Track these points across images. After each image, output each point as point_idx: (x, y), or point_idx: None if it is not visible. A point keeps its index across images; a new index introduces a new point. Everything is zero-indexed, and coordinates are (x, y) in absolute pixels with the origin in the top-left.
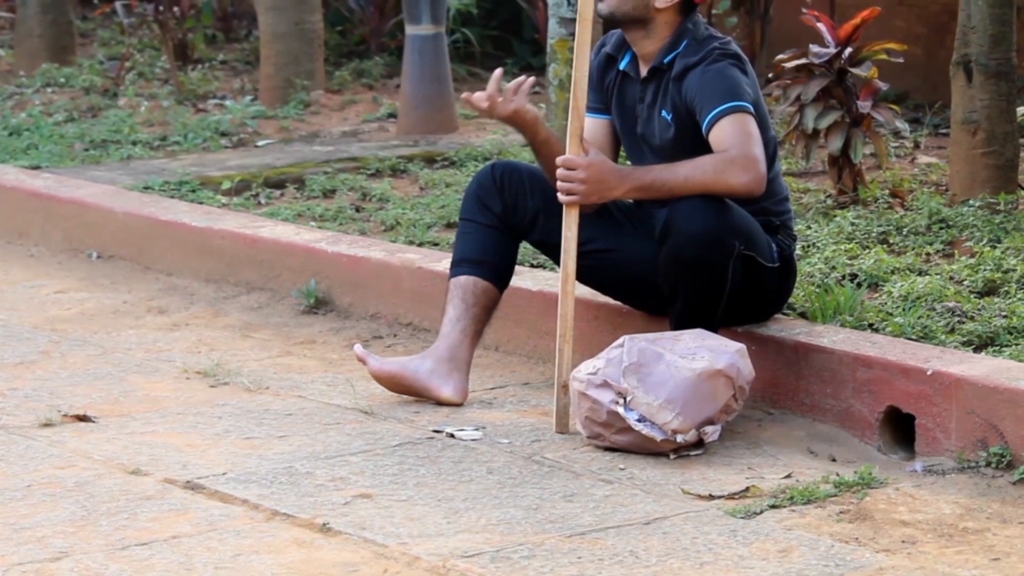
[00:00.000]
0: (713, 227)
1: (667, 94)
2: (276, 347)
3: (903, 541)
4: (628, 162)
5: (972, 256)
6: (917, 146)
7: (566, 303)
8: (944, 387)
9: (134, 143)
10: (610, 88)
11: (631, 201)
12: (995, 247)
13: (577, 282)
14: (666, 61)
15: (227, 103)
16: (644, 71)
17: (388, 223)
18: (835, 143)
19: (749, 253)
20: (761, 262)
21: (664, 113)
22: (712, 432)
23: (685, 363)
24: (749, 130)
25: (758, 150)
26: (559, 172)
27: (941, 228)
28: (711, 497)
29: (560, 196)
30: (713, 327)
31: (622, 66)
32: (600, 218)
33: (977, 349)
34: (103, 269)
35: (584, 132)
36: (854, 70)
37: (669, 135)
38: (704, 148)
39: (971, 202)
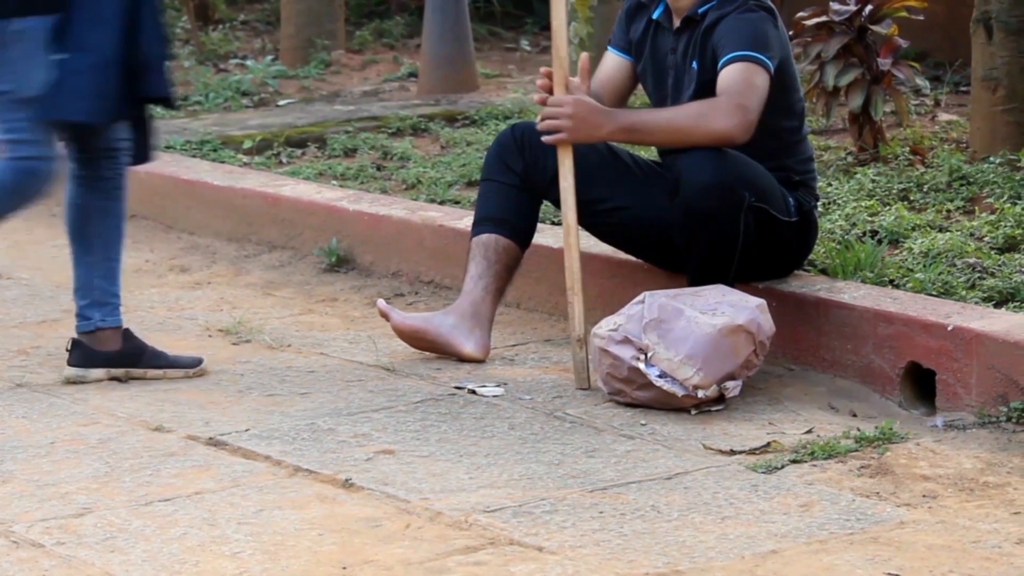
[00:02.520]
0: (721, 177)
1: (698, 45)
2: (298, 305)
3: (924, 496)
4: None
5: (992, 212)
6: (937, 103)
7: (571, 256)
8: (965, 342)
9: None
10: (642, 37)
11: (648, 157)
12: (1015, 203)
13: (597, 239)
14: (700, 12)
15: (248, 63)
16: (677, 22)
17: (409, 181)
18: (855, 100)
19: (761, 205)
20: (775, 215)
21: (694, 64)
22: (733, 388)
23: (706, 319)
24: (752, 80)
25: (751, 100)
26: (546, 111)
27: (961, 185)
28: (732, 452)
29: (546, 138)
30: (728, 281)
31: (655, 15)
32: (618, 175)
33: (997, 305)
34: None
35: (601, 65)
36: (874, 27)
37: (694, 87)
38: None
39: (991, 159)
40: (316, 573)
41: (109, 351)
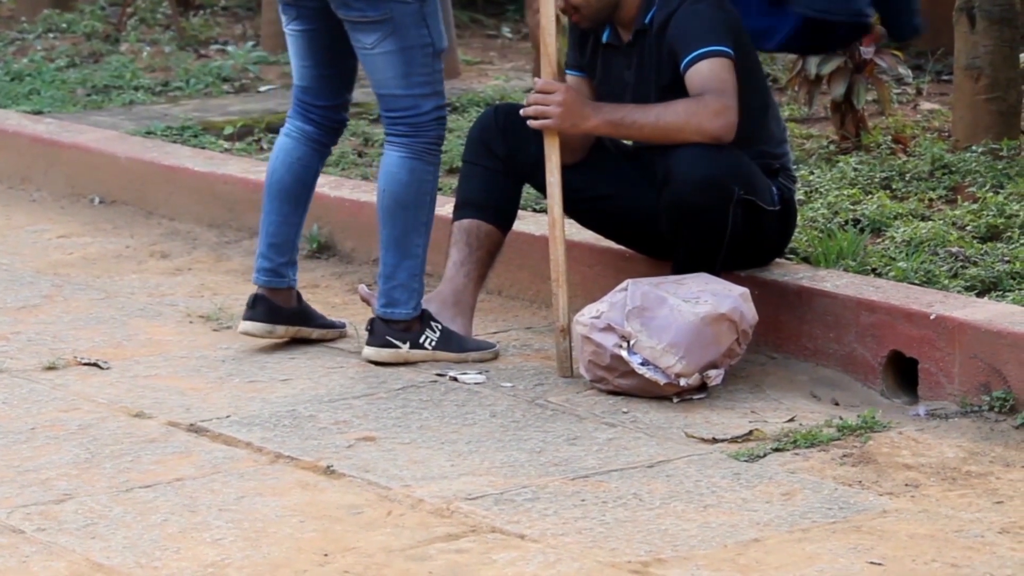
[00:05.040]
0: (713, 173)
1: (654, 52)
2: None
3: (906, 485)
4: None
5: (975, 202)
6: (920, 92)
7: (556, 248)
8: (947, 331)
9: (136, 88)
10: (591, 60)
11: (632, 146)
12: (998, 193)
13: (581, 226)
14: (647, 21)
15: (229, 49)
16: (628, 36)
17: None
18: (838, 89)
19: (749, 197)
20: (761, 206)
21: (654, 72)
22: (715, 376)
23: (688, 307)
24: (724, 75)
25: (732, 98)
26: (534, 96)
27: (944, 174)
28: (714, 440)
29: (532, 122)
30: (715, 271)
31: (604, 39)
32: (602, 163)
33: (980, 294)
34: (105, 214)
35: None
36: None
37: (655, 94)
38: None
39: (974, 148)
40: (297, 560)
41: (291, 308)
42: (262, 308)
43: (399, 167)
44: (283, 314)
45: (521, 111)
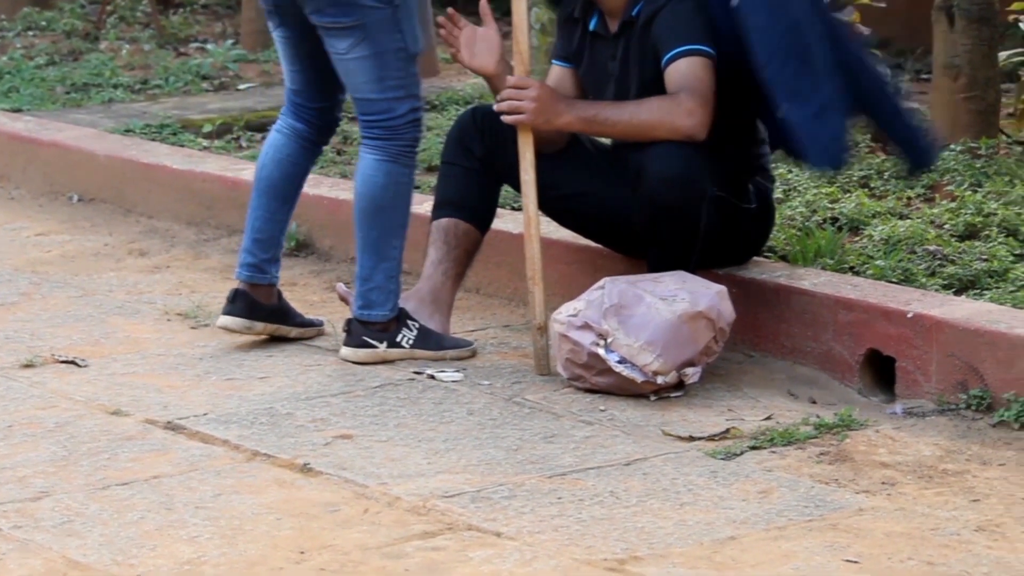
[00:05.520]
0: (685, 170)
1: (637, 46)
2: None
3: (883, 483)
4: None
5: (953, 200)
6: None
7: (531, 245)
8: (924, 330)
9: (115, 86)
10: (578, 48)
11: (610, 144)
12: (976, 191)
13: (557, 224)
14: (634, 14)
15: (208, 47)
16: (614, 27)
17: None
18: None
19: (723, 194)
20: (736, 203)
21: (637, 66)
22: (692, 374)
23: (665, 305)
24: (701, 74)
25: (709, 97)
26: (508, 92)
27: (922, 172)
28: (691, 438)
29: (505, 117)
30: (690, 269)
31: (591, 26)
32: (579, 161)
33: (958, 292)
34: (84, 212)
35: (548, 79)
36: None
37: (636, 88)
38: None
39: (952, 146)
40: (274, 558)
41: (271, 305)
42: (242, 303)
43: (375, 170)
44: (262, 311)
45: (495, 106)
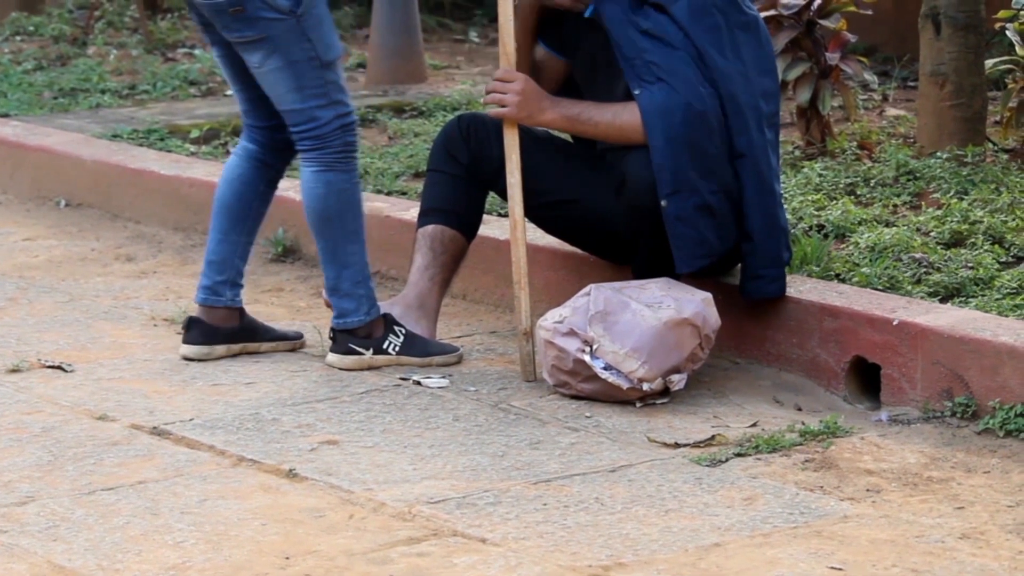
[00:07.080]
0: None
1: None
2: (243, 295)
3: (868, 490)
4: None
5: (939, 208)
6: (885, 98)
7: (517, 250)
8: (910, 337)
9: (103, 92)
10: (572, 33)
11: (597, 148)
12: (962, 199)
13: (543, 231)
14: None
15: (196, 52)
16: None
17: None
18: (803, 95)
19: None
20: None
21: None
22: (678, 381)
23: (651, 312)
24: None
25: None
26: (493, 85)
27: (908, 180)
28: (677, 445)
29: (489, 110)
30: (674, 274)
31: (587, 14)
32: (565, 169)
33: (943, 300)
34: (71, 217)
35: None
36: (823, 22)
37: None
38: None
39: (939, 154)
40: (259, 563)
41: (230, 327)
42: (196, 331)
43: (314, 181)
44: (220, 334)
45: (482, 99)
